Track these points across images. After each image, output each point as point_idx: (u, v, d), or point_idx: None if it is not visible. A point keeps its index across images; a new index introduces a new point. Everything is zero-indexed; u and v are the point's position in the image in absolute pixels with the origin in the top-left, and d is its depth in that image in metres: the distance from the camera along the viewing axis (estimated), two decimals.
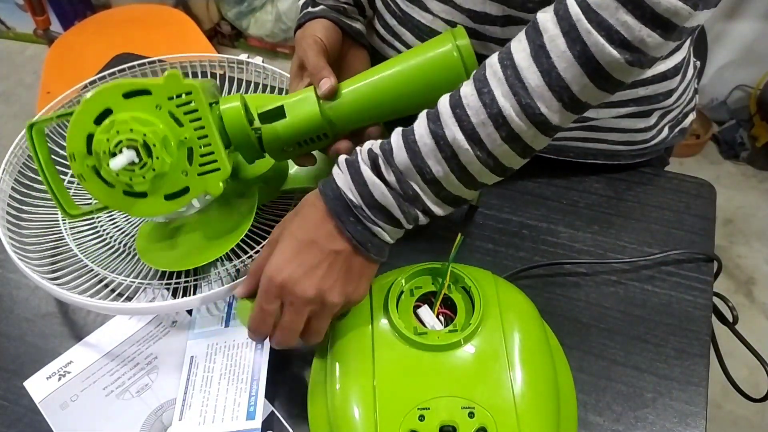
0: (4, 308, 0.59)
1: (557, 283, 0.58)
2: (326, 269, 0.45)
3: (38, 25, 1.63)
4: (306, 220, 0.46)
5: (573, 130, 0.62)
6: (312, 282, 0.44)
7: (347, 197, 0.44)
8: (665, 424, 0.49)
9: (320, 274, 0.44)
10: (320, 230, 0.45)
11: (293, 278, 0.44)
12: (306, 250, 0.45)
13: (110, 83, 0.47)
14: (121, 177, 0.46)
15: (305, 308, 0.45)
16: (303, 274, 0.44)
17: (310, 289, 0.44)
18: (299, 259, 0.44)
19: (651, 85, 0.58)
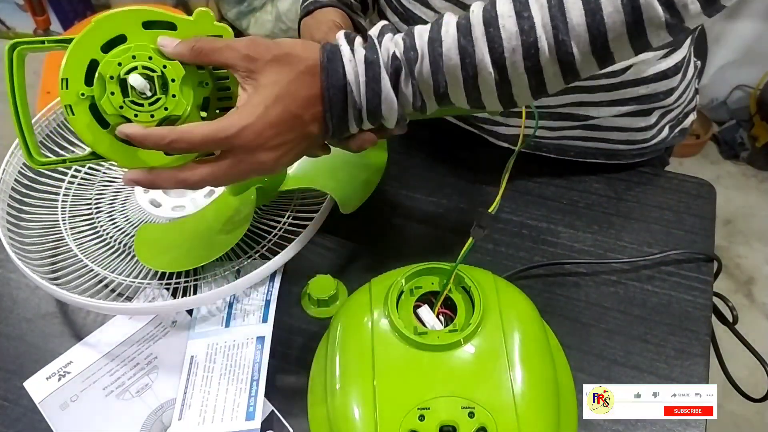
0: (4, 308, 0.59)
1: (557, 283, 0.58)
2: (292, 147, 0.43)
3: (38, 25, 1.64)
4: (300, 88, 0.42)
5: (573, 129, 0.62)
6: (275, 156, 0.42)
7: (352, 96, 0.42)
8: (665, 424, 0.49)
9: (286, 150, 0.43)
10: (308, 109, 0.42)
11: (262, 148, 0.41)
12: (289, 123, 0.42)
13: (129, 8, 0.41)
14: (125, 111, 0.40)
15: (244, 169, 0.42)
16: (274, 146, 0.42)
17: (269, 161, 0.42)
18: (280, 128, 0.41)
19: (652, 84, 0.58)
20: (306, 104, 0.42)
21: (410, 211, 0.64)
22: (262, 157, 0.42)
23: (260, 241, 0.57)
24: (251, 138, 0.41)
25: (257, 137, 0.41)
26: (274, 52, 0.41)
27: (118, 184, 0.64)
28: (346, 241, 0.61)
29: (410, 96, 0.43)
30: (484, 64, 0.41)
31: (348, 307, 0.50)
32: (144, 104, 0.40)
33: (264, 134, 0.41)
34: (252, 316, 0.54)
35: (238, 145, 0.41)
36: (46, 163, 0.46)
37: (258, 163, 0.42)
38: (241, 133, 0.40)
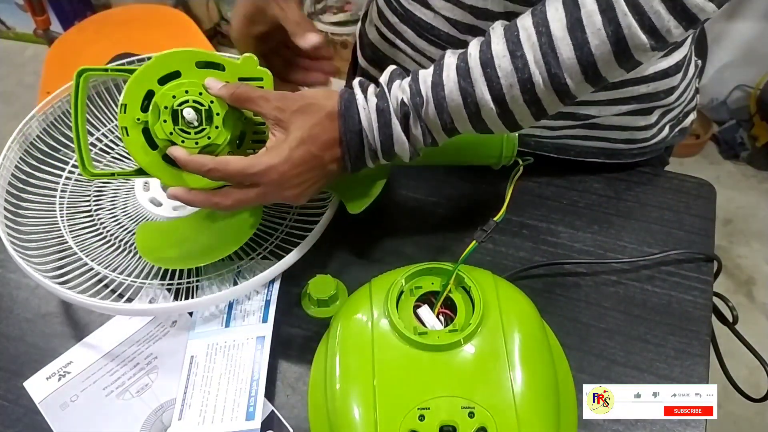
0: (4, 308, 0.59)
1: (557, 283, 0.58)
2: (313, 183, 0.49)
3: (38, 25, 1.63)
4: (321, 132, 0.47)
5: (574, 128, 0.62)
6: (298, 191, 0.48)
7: (367, 140, 0.48)
8: (665, 424, 0.49)
9: (307, 186, 0.49)
10: (328, 150, 0.48)
11: (286, 186, 0.47)
12: (310, 163, 0.47)
13: (186, 49, 0.48)
14: (173, 137, 0.47)
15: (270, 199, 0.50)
16: (296, 184, 0.48)
17: (293, 196, 0.49)
18: (302, 168, 0.47)
19: (652, 83, 0.58)
20: (326, 146, 0.48)
21: (410, 211, 0.64)
22: (287, 193, 0.48)
23: (262, 243, 0.57)
24: (276, 177, 0.46)
25: (281, 176, 0.47)
26: (299, 104, 0.47)
27: (118, 182, 0.64)
28: (346, 241, 0.61)
29: (420, 135, 0.47)
30: (485, 101, 0.45)
31: (348, 307, 0.50)
32: (191, 132, 0.48)
33: (287, 173, 0.47)
34: (252, 316, 0.54)
35: (264, 182, 0.47)
36: (98, 175, 0.54)
37: (282, 197, 0.49)
38: (267, 172, 0.46)
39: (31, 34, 1.98)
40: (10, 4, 2.08)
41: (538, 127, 0.62)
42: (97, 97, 0.69)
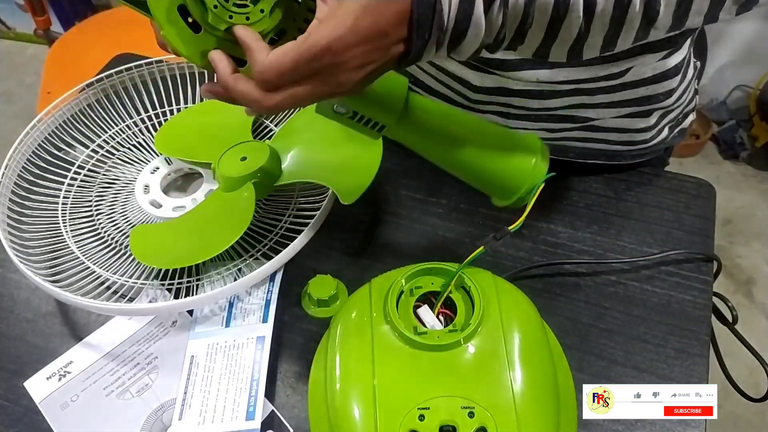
0: (5, 308, 0.59)
1: (557, 283, 0.58)
2: (373, 69, 0.40)
3: (39, 26, 1.64)
4: (390, 2, 0.38)
5: (573, 131, 0.62)
6: (359, 76, 0.39)
7: (440, 15, 0.39)
8: (665, 424, 0.49)
9: (367, 72, 0.40)
10: (395, 27, 0.39)
11: (349, 65, 0.38)
12: (375, 39, 0.38)
13: None
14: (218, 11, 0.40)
15: (321, 92, 0.40)
16: (361, 65, 0.39)
17: (350, 81, 0.39)
18: (369, 45, 0.38)
19: (651, 85, 0.58)
20: (394, 21, 0.39)
21: (410, 211, 0.64)
22: (343, 78, 0.39)
23: (261, 240, 0.57)
24: (339, 52, 0.37)
25: (344, 51, 0.38)
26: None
27: (119, 185, 0.64)
28: (346, 241, 0.61)
29: (497, 26, 0.40)
30: (576, 7, 0.40)
31: (348, 307, 0.50)
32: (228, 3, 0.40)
33: (352, 50, 0.38)
34: (252, 316, 0.54)
35: (325, 63, 0.38)
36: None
37: (336, 85, 0.39)
38: (330, 48, 0.37)
39: (32, 35, 1.98)
40: (11, 4, 2.08)
41: (538, 129, 0.62)
42: (97, 104, 0.70)
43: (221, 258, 0.57)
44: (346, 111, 0.44)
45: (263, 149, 0.59)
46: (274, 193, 0.61)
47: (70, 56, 1.42)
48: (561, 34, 0.41)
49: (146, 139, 0.68)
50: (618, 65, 0.55)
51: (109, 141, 0.68)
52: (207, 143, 0.64)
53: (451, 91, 0.62)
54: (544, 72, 0.55)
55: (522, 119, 0.61)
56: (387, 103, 0.45)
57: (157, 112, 0.70)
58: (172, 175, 0.66)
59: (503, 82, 0.57)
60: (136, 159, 0.66)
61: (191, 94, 0.71)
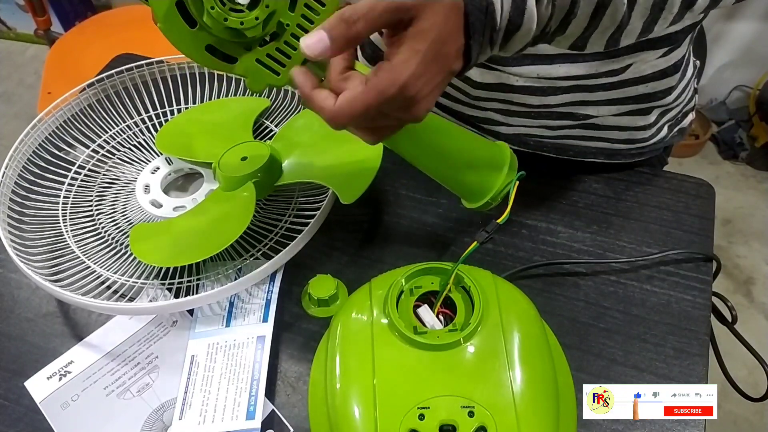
0: (5, 308, 0.59)
1: (556, 283, 0.58)
2: (439, 90, 0.39)
3: (39, 26, 1.64)
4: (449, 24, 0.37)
5: (573, 128, 0.62)
6: (429, 103, 0.39)
7: (493, 16, 0.38)
8: (665, 424, 0.49)
9: (436, 94, 0.39)
10: (451, 44, 0.38)
11: (420, 95, 0.38)
12: (436, 62, 0.38)
13: None
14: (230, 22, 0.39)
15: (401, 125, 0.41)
16: (428, 93, 0.38)
17: (423, 110, 0.39)
18: (430, 72, 0.38)
19: (651, 83, 0.58)
20: (451, 38, 0.38)
21: (410, 211, 0.64)
22: (422, 105, 0.39)
23: (261, 239, 0.58)
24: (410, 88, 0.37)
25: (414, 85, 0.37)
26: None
27: (119, 185, 0.64)
28: (346, 241, 0.61)
29: (546, 17, 0.40)
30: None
31: (348, 307, 0.50)
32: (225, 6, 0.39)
33: (420, 80, 0.37)
34: (252, 315, 0.54)
35: (405, 101, 0.37)
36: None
37: (416, 113, 0.39)
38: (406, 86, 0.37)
39: (32, 35, 1.98)
40: (11, 4, 2.08)
41: (538, 126, 0.62)
42: (98, 104, 0.70)
43: (221, 257, 0.57)
44: None
45: (264, 149, 0.59)
46: (275, 193, 0.61)
47: (70, 56, 1.42)
48: (603, 21, 0.41)
49: (147, 139, 0.68)
50: (618, 62, 0.55)
51: (109, 141, 0.68)
52: (208, 143, 0.64)
53: (452, 88, 0.62)
54: (544, 68, 0.55)
55: (522, 116, 0.61)
56: None
57: (158, 112, 0.70)
58: (172, 174, 0.66)
59: (504, 78, 0.57)
60: (137, 159, 0.67)
61: (192, 94, 0.71)
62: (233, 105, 0.70)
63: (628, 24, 0.42)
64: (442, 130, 0.51)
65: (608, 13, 0.41)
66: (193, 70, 0.72)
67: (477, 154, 0.53)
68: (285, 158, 0.61)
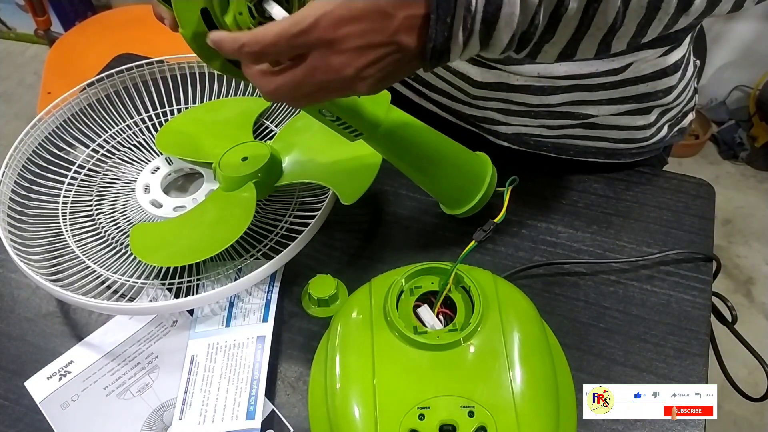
0: (5, 308, 0.59)
1: (556, 283, 0.58)
2: (379, 57, 0.36)
3: (39, 26, 1.64)
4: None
5: (573, 128, 0.62)
6: (358, 63, 0.36)
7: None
8: (665, 424, 0.49)
9: (371, 58, 0.36)
10: (403, 8, 0.35)
11: (341, 47, 0.35)
12: (375, 21, 0.35)
13: None
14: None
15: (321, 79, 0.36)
16: (356, 47, 0.35)
17: (348, 68, 0.36)
18: (365, 25, 0.35)
19: (651, 82, 0.58)
20: (401, 1, 0.35)
21: (410, 211, 0.64)
22: (338, 61, 0.35)
23: (262, 240, 0.58)
24: (328, 28, 0.34)
25: (335, 28, 0.34)
26: None
27: (119, 185, 0.64)
28: (346, 241, 0.61)
29: (533, 7, 0.35)
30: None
31: (348, 307, 0.50)
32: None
33: (343, 27, 0.34)
34: (252, 315, 0.54)
35: (313, 40, 0.35)
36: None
37: (334, 70, 0.36)
38: (317, 24, 0.34)
39: (32, 35, 1.98)
40: (11, 4, 2.08)
41: (538, 126, 0.62)
42: (98, 104, 0.70)
43: (221, 258, 0.57)
44: (331, 115, 0.46)
45: (264, 149, 0.59)
46: (275, 193, 0.61)
47: (70, 56, 1.43)
48: (596, 20, 0.38)
49: (147, 139, 0.68)
50: (618, 60, 0.55)
51: (109, 141, 0.68)
52: (208, 143, 0.64)
53: (452, 87, 0.62)
54: (544, 67, 0.55)
55: (522, 116, 0.61)
56: (368, 115, 0.47)
57: (158, 112, 0.70)
58: (172, 174, 0.66)
59: (504, 77, 0.57)
60: (137, 159, 0.67)
61: (192, 94, 0.71)
62: (233, 105, 0.70)
63: (621, 25, 0.39)
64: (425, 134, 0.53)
65: (601, 10, 0.37)
66: (193, 70, 0.72)
67: (461, 162, 0.56)
68: (285, 158, 0.61)
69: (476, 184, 0.56)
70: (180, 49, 0.58)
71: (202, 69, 0.73)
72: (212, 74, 0.73)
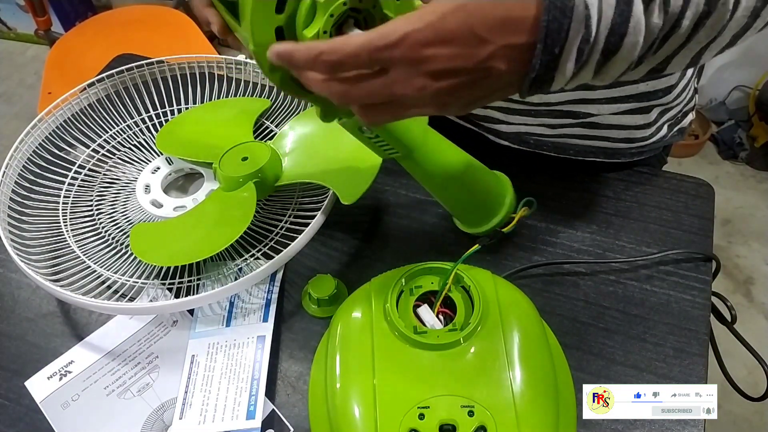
0: (6, 308, 0.59)
1: (556, 283, 0.58)
2: (465, 83, 0.33)
3: (39, 26, 1.64)
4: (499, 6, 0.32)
5: (573, 127, 0.63)
6: (440, 87, 0.33)
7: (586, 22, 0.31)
8: (664, 423, 0.49)
9: (456, 83, 0.33)
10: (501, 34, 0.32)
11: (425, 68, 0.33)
12: (468, 44, 0.32)
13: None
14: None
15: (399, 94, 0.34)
16: (440, 71, 0.33)
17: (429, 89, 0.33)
18: (453, 49, 0.32)
19: (651, 81, 0.58)
20: (500, 27, 0.32)
21: (410, 211, 0.64)
22: (420, 81, 0.33)
23: (262, 239, 0.58)
24: (415, 47, 0.32)
25: (422, 47, 0.32)
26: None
27: (120, 185, 0.64)
28: (346, 241, 0.61)
29: (655, 32, 0.32)
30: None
31: (348, 307, 0.51)
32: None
33: (430, 48, 0.32)
34: (253, 315, 0.54)
35: (397, 56, 0.32)
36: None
37: (415, 89, 0.33)
38: (404, 40, 0.32)
39: (32, 35, 1.98)
40: (12, 4, 2.08)
41: (538, 125, 0.63)
42: (98, 104, 0.70)
43: (222, 257, 0.57)
44: (370, 132, 0.45)
45: (264, 149, 0.59)
46: (275, 193, 0.61)
47: (70, 57, 1.43)
48: (699, 35, 0.34)
49: (147, 139, 0.68)
50: None
51: (109, 141, 0.68)
52: (208, 143, 0.64)
53: None
54: None
55: (523, 114, 0.61)
56: (409, 136, 0.48)
57: (158, 112, 0.70)
58: (173, 174, 0.66)
59: None
60: (137, 159, 0.67)
61: (192, 94, 0.71)
62: (233, 105, 0.70)
63: (719, 36, 0.35)
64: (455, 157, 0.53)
65: (708, 25, 0.34)
66: (194, 70, 0.72)
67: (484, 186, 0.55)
68: (285, 158, 0.61)
69: (495, 207, 0.56)
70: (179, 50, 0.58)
71: (202, 69, 0.73)
72: (212, 74, 0.73)
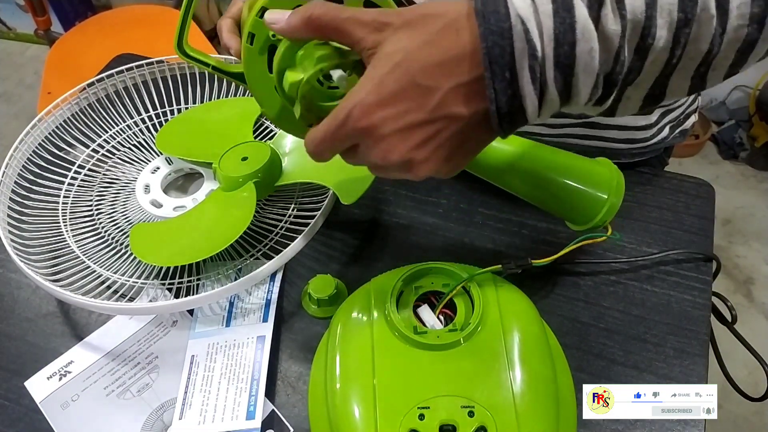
0: (5, 308, 0.59)
1: (556, 283, 0.58)
2: (429, 136, 0.33)
3: (39, 26, 1.64)
4: (433, 53, 0.31)
5: (574, 127, 0.62)
6: (403, 147, 0.33)
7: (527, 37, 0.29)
8: (664, 423, 0.49)
9: (418, 139, 0.33)
10: (443, 78, 0.31)
11: (379, 133, 0.32)
12: (414, 98, 0.31)
13: None
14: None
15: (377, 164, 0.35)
16: (395, 131, 0.32)
17: (394, 153, 0.33)
18: (400, 106, 0.32)
19: None
20: (440, 71, 0.31)
21: (410, 211, 0.64)
22: (382, 147, 0.33)
23: (262, 240, 0.58)
24: (362, 117, 0.32)
25: (368, 116, 0.32)
26: (406, 17, 0.32)
27: (119, 185, 0.64)
28: (346, 241, 0.61)
29: (615, 38, 0.30)
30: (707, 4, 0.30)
31: (348, 307, 0.50)
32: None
33: (376, 113, 0.32)
34: (252, 315, 0.54)
35: (350, 131, 0.33)
36: (192, 56, 0.48)
37: (381, 157, 0.34)
38: (351, 115, 0.32)
39: (32, 35, 1.99)
40: (11, 4, 2.08)
41: (538, 125, 0.63)
42: (98, 104, 0.70)
43: (221, 258, 0.57)
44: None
45: (264, 149, 0.59)
46: (275, 193, 0.61)
47: (70, 56, 1.43)
48: (688, 49, 0.32)
49: (147, 139, 0.68)
50: None
51: (109, 141, 0.68)
52: (208, 143, 0.64)
53: None
54: None
55: None
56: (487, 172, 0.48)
57: (158, 112, 0.70)
58: (172, 174, 0.66)
59: None
60: (137, 159, 0.67)
61: (192, 94, 0.71)
62: (233, 105, 0.70)
63: (718, 51, 0.32)
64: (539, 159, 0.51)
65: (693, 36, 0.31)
66: (194, 70, 0.72)
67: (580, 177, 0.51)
68: (285, 158, 0.61)
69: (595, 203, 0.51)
70: None
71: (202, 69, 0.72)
72: (212, 74, 0.73)
